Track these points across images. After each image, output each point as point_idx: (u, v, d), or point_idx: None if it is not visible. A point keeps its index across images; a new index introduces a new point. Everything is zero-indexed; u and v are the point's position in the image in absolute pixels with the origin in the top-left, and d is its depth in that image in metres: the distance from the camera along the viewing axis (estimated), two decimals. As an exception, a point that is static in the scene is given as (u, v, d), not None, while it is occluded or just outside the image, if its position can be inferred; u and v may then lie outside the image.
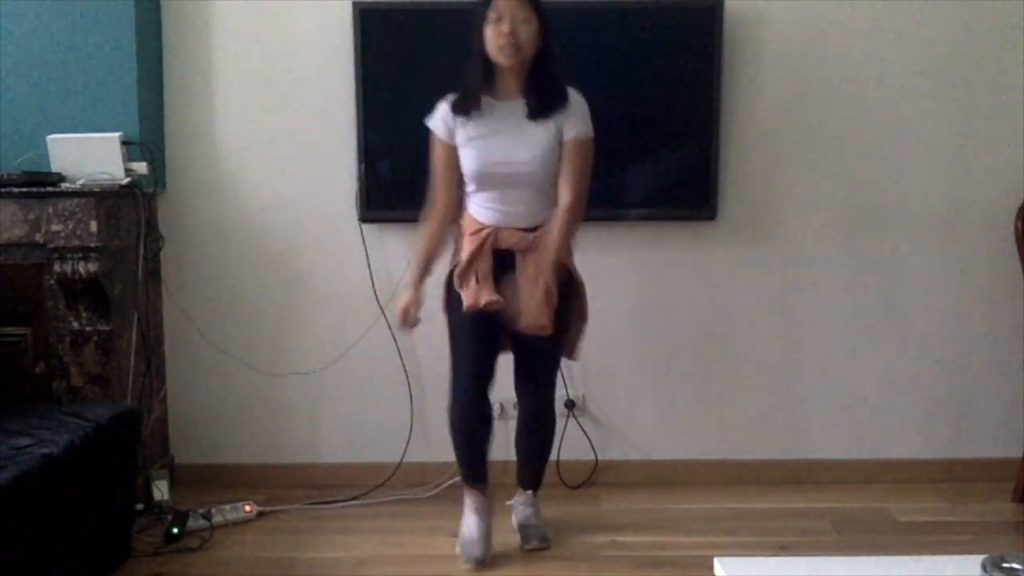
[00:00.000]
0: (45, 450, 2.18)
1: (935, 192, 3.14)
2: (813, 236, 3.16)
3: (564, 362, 2.77)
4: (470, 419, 2.60)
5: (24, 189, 2.68)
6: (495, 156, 2.48)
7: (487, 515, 2.66)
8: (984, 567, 1.58)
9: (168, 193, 3.14)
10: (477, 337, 2.55)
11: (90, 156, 2.77)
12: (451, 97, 2.53)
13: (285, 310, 3.20)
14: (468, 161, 2.51)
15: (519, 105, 2.48)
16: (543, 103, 2.46)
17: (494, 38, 2.41)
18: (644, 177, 3.10)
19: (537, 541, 2.69)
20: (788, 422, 3.24)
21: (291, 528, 2.89)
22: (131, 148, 2.84)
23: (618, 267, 3.17)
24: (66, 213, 2.68)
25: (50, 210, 2.68)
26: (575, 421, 3.20)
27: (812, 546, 2.71)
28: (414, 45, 3.00)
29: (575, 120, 2.49)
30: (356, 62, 3.00)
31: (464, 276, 2.51)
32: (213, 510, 2.87)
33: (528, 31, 2.41)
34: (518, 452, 2.79)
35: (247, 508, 2.92)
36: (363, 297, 3.14)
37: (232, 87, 3.12)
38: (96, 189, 2.70)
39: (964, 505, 3.01)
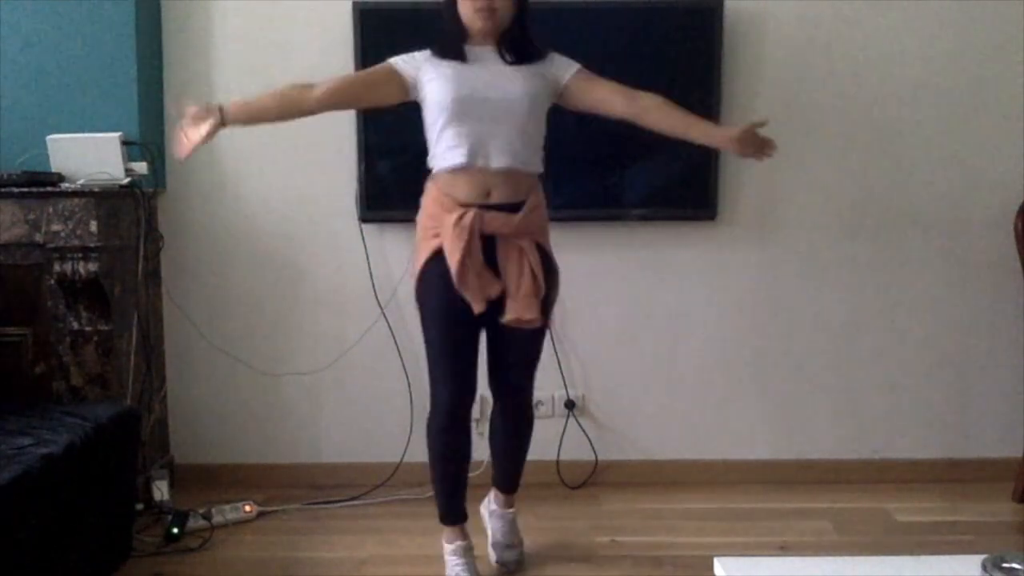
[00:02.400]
0: (45, 450, 2.18)
1: (935, 192, 3.15)
2: (813, 236, 3.16)
3: (564, 362, 2.75)
4: (453, 435, 2.42)
5: (24, 189, 2.68)
6: (475, 83, 2.27)
7: (470, 553, 2.51)
8: (984, 567, 1.58)
9: (168, 193, 3.14)
10: (457, 346, 2.36)
11: (90, 156, 2.77)
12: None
13: (285, 310, 3.20)
14: (441, 88, 2.28)
15: (494, 54, 2.33)
16: (518, 52, 2.31)
17: (468, 4, 2.27)
18: (644, 177, 3.10)
19: (514, 564, 2.58)
20: (788, 422, 3.24)
21: (291, 528, 2.89)
22: (131, 148, 2.84)
23: (618, 267, 3.17)
24: (66, 213, 2.68)
25: (50, 210, 2.68)
26: (575, 421, 3.20)
27: (812, 546, 2.71)
28: (414, 45, 2.99)
29: (561, 61, 2.37)
30: (356, 62, 3.00)
31: (463, 277, 2.27)
32: (213, 510, 2.88)
33: None
34: (495, 453, 2.62)
35: (247, 508, 2.92)
36: (363, 297, 3.14)
37: (232, 87, 3.11)
38: (96, 189, 2.70)
39: (964, 505, 3.01)
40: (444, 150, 2.31)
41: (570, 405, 3.19)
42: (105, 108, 2.94)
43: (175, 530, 2.74)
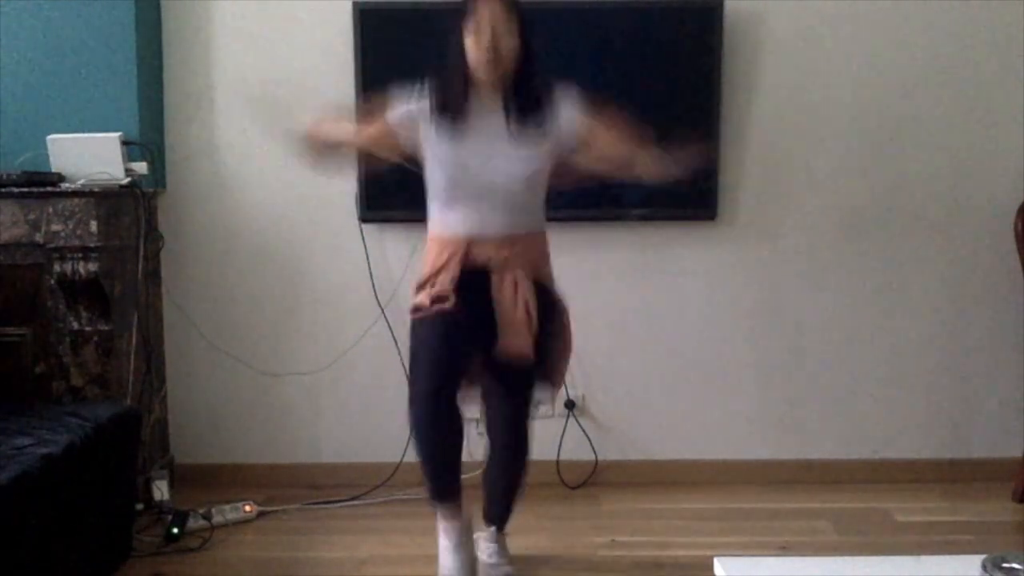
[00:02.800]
0: (45, 450, 2.18)
1: (935, 192, 3.15)
2: (813, 236, 3.16)
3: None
4: (434, 418, 2.30)
5: (24, 189, 2.68)
6: (473, 161, 2.24)
7: (467, 548, 2.42)
8: (984, 567, 1.58)
9: (168, 193, 3.14)
10: (443, 341, 2.27)
11: (90, 156, 2.77)
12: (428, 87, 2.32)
13: (285, 310, 3.20)
14: (440, 164, 2.27)
15: (500, 119, 2.26)
16: (525, 114, 2.25)
17: (474, 51, 2.20)
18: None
19: None
20: (788, 422, 3.24)
21: (291, 528, 2.89)
22: (131, 148, 2.84)
23: (618, 267, 3.17)
24: (66, 213, 2.68)
25: (50, 210, 2.68)
26: (575, 421, 3.20)
27: (812, 546, 2.71)
28: (414, 45, 3.00)
29: (567, 103, 2.29)
30: (356, 62, 3.00)
31: (423, 285, 2.29)
32: (213, 510, 2.87)
33: (510, 43, 2.20)
34: (486, 485, 2.50)
35: (247, 508, 2.92)
36: (363, 297, 3.14)
37: (232, 87, 3.12)
38: (96, 189, 2.70)
39: (964, 505, 3.01)
40: (438, 209, 2.33)
41: (570, 405, 3.19)
42: (105, 108, 2.94)
43: (175, 530, 2.74)
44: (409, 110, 2.31)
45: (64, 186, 2.71)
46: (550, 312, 2.34)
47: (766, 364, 3.21)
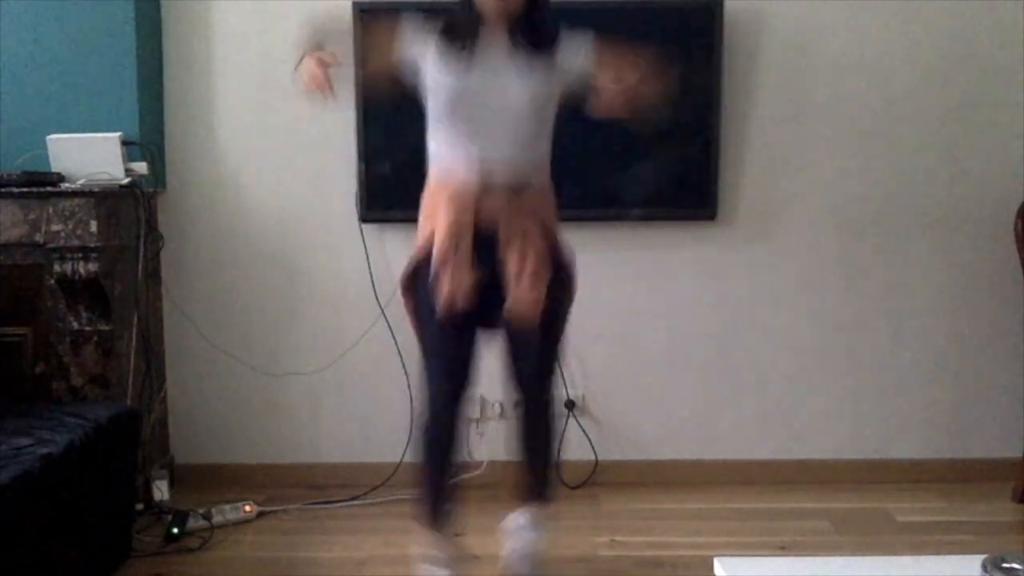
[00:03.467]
0: (45, 450, 2.18)
1: (935, 192, 3.15)
2: (813, 236, 3.16)
3: (564, 362, 2.71)
4: (445, 434, 2.27)
5: (24, 189, 2.68)
6: (474, 82, 2.16)
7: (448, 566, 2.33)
8: (984, 567, 1.58)
9: (168, 193, 3.14)
10: (453, 340, 2.23)
11: (90, 156, 2.77)
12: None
13: (285, 310, 3.20)
14: (444, 92, 2.18)
15: (504, 42, 2.18)
16: (532, 45, 2.17)
17: None
18: (644, 177, 3.10)
19: None
20: (788, 422, 3.24)
21: (291, 528, 2.89)
22: (131, 148, 2.85)
23: (618, 267, 3.17)
24: (66, 213, 2.68)
25: (50, 210, 2.68)
26: (575, 421, 3.20)
27: (812, 546, 2.71)
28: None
29: (576, 40, 2.23)
30: (356, 62, 3.00)
31: (443, 262, 2.17)
32: (213, 510, 2.87)
33: None
34: (519, 455, 2.45)
35: (247, 508, 2.92)
36: (363, 297, 3.14)
37: (232, 87, 3.12)
38: (96, 189, 2.70)
39: (964, 505, 3.01)
40: (443, 147, 2.24)
41: (570, 405, 3.19)
42: (105, 108, 2.94)
43: (175, 530, 2.74)
44: (414, 47, 2.22)
45: (64, 186, 2.71)
46: (561, 267, 2.27)
47: (766, 364, 3.21)
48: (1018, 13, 3.06)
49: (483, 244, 2.19)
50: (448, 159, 2.22)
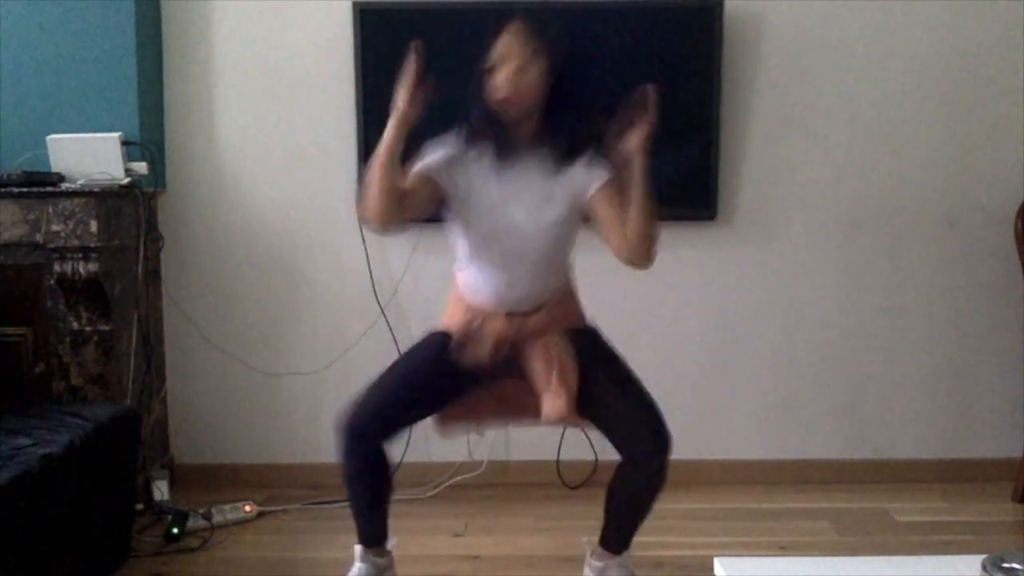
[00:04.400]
0: (45, 450, 2.18)
1: (935, 192, 3.14)
2: (813, 236, 3.16)
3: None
4: (366, 449, 2.18)
5: (24, 189, 2.68)
6: (502, 220, 2.13)
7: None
8: (984, 567, 1.58)
9: (168, 193, 3.14)
10: (434, 380, 2.20)
11: (90, 156, 2.77)
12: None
13: (285, 310, 3.20)
14: (472, 216, 2.15)
15: (536, 159, 2.13)
16: (566, 150, 2.13)
17: (491, 89, 2.07)
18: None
19: None
20: (788, 422, 3.24)
21: (291, 528, 2.89)
22: (131, 148, 2.85)
23: (618, 267, 3.15)
24: (66, 213, 2.68)
25: (50, 210, 2.68)
26: (575, 421, 3.20)
27: (812, 546, 2.71)
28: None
29: (595, 166, 2.17)
30: (356, 62, 3.00)
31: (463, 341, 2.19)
32: (213, 510, 2.87)
33: (529, 75, 2.05)
34: (609, 501, 2.37)
35: (247, 508, 2.92)
36: (363, 297, 3.14)
37: (232, 87, 3.12)
38: (96, 189, 2.70)
39: (964, 505, 3.01)
40: (467, 257, 2.21)
41: (570, 405, 3.18)
42: (105, 108, 2.94)
43: (175, 530, 2.74)
44: (450, 145, 2.17)
45: (64, 186, 2.71)
46: (592, 354, 2.24)
47: (766, 364, 3.21)
48: (1018, 13, 3.06)
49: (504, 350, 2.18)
50: (473, 277, 2.22)
